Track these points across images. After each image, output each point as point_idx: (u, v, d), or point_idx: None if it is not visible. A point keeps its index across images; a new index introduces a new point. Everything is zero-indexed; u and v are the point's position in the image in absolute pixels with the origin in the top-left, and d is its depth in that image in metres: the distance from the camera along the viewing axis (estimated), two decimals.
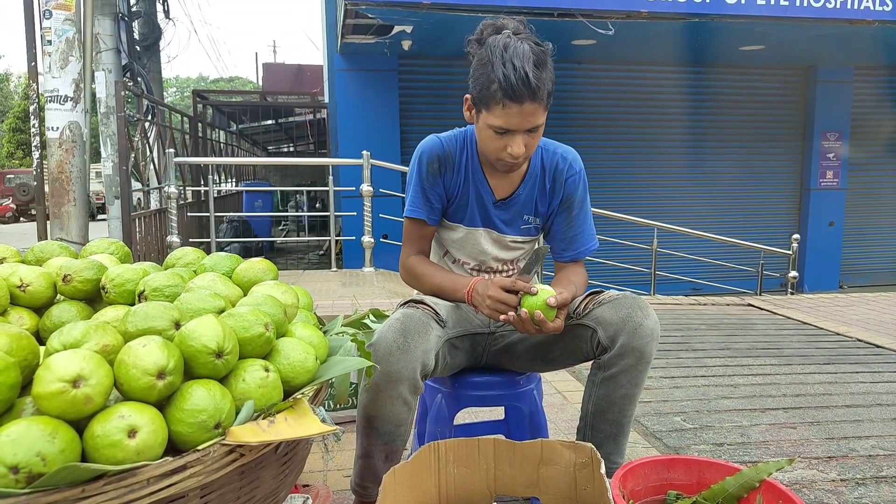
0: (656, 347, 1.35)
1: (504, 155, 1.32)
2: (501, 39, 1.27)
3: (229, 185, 13.30)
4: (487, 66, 1.26)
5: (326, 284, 5.09)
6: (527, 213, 1.50)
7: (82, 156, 3.90)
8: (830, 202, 8.81)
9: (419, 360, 1.25)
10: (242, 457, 0.76)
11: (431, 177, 1.45)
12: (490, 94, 1.26)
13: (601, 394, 1.38)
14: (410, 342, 1.25)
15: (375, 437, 1.28)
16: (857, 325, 4.06)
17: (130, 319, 0.88)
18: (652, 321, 1.33)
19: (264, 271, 1.19)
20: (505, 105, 1.25)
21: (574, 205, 1.49)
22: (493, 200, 1.48)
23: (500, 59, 1.23)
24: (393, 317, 1.31)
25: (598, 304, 1.38)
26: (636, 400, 1.41)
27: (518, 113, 1.25)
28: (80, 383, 0.72)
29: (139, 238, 5.28)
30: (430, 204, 1.46)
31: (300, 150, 17.17)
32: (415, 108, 7.62)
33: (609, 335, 1.33)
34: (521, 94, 1.23)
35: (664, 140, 8.27)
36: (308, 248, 11.26)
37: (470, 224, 1.50)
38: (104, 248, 1.27)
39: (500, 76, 1.23)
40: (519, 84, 1.22)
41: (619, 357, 1.32)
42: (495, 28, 1.33)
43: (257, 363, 0.88)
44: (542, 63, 1.25)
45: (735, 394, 2.64)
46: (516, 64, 1.22)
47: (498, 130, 1.29)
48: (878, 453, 2.04)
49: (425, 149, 1.47)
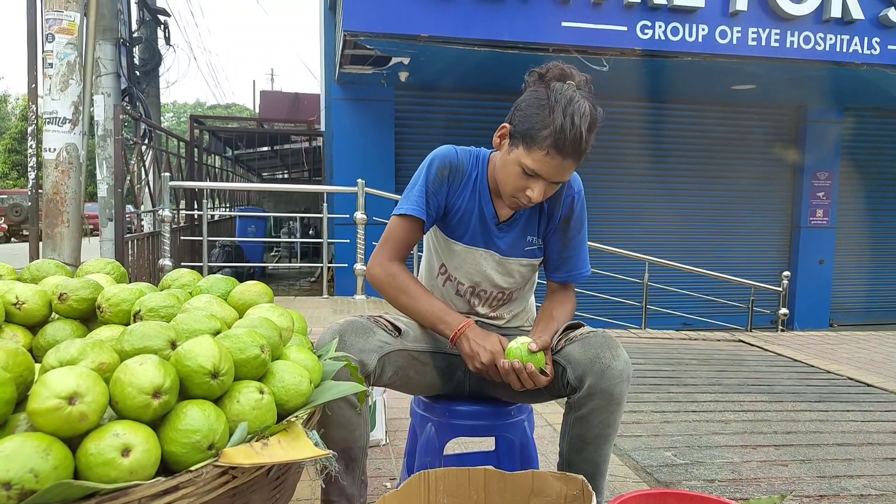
0: (627, 388, 1.32)
1: (521, 196, 1.33)
2: (568, 90, 1.27)
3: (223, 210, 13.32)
4: (546, 109, 1.26)
5: (318, 311, 5.07)
6: (530, 234, 1.50)
7: (78, 177, 3.91)
8: (820, 240, 8.90)
9: (356, 360, 1.26)
10: (235, 479, 0.76)
11: (438, 182, 1.45)
12: (539, 137, 1.26)
13: (575, 433, 1.37)
14: (347, 340, 1.28)
15: (331, 446, 1.26)
16: (848, 363, 4.08)
17: (127, 338, 0.88)
18: (621, 362, 1.30)
19: (260, 294, 1.19)
20: (549, 153, 1.26)
21: (571, 225, 1.49)
22: (496, 222, 1.48)
23: (561, 109, 1.24)
24: (336, 322, 1.34)
25: (569, 342, 1.37)
26: (611, 440, 1.38)
27: (558, 165, 1.27)
28: (76, 400, 0.72)
29: (131, 260, 5.26)
30: (428, 208, 1.45)
31: (295, 176, 17.26)
32: (410, 138, 7.70)
33: (577, 375, 1.32)
34: (569, 150, 1.25)
35: (657, 175, 8.36)
36: (300, 275, 11.24)
37: (470, 243, 1.50)
38: (100, 267, 1.27)
39: (558, 126, 1.23)
40: (571, 140, 1.24)
41: (587, 398, 1.31)
42: (562, 73, 1.33)
43: (252, 385, 0.88)
44: (593, 127, 1.28)
45: (726, 430, 2.63)
46: (576, 121, 1.23)
47: (528, 172, 1.30)
48: (869, 493, 2.03)
49: (439, 154, 1.47)
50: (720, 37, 5.77)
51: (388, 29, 5.36)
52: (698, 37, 5.73)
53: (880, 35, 6.05)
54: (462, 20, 5.41)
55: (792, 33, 5.89)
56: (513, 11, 5.48)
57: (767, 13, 5.83)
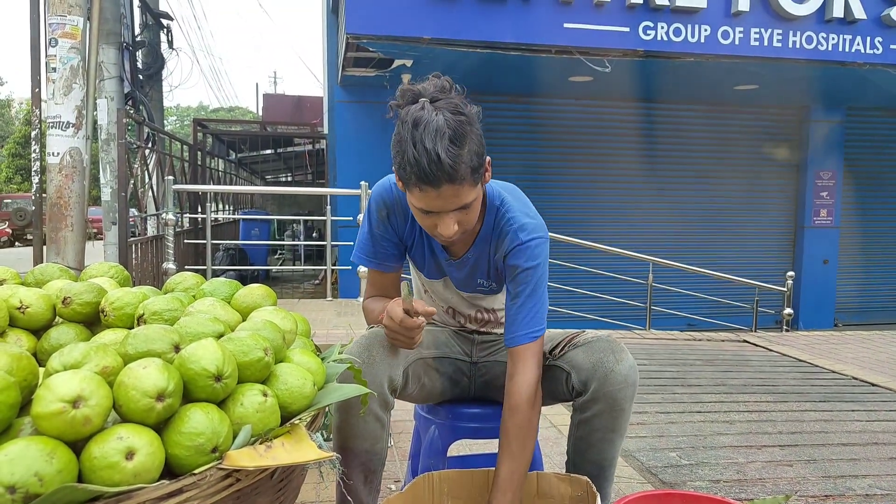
0: (633, 393, 1.30)
1: (436, 234, 1.21)
2: (415, 111, 1.11)
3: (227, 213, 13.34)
4: (401, 144, 1.12)
5: (322, 313, 5.08)
6: (480, 277, 1.41)
7: (82, 181, 3.92)
8: (824, 240, 8.87)
9: (385, 374, 1.24)
10: (239, 482, 0.76)
11: (382, 224, 1.38)
12: (406, 175, 1.12)
13: (579, 435, 1.36)
14: (375, 355, 1.24)
15: (352, 458, 1.25)
16: (853, 363, 4.06)
17: (130, 342, 0.88)
18: (625, 367, 1.28)
19: (263, 297, 1.19)
20: (422, 188, 1.11)
21: (518, 278, 1.29)
22: (445, 257, 1.41)
23: (409, 139, 1.09)
24: (361, 335, 1.31)
25: (573, 347, 1.35)
26: (616, 443, 1.37)
27: (437, 196, 1.12)
28: (80, 404, 0.72)
29: (135, 264, 5.27)
30: (381, 251, 1.40)
31: (298, 179, 17.28)
32: None
33: (581, 380, 1.30)
34: (435, 178, 1.09)
35: (660, 176, 8.36)
36: (304, 277, 11.25)
37: (429, 276, 1.47)
38: (104, 271, 1.28)
39: (412, 159, 1.09)
40: (431, 168, 1.08)
41: (591, 402, 1.29)
42: (413, 95, 1.17)
43: (256, 388, 0.88)
44: (459, 137, 1.10)
45: (731, 430, 2.63)
46: (427, 145, 1.07)
47: (421, 210, 1.18)
48: (874, 492, 2.02)
49: (376, 194, 1.38)
50: (722, 37, 5.76)
51: (391, 31, 5.37)
52: (700, 37, 5.72)
53: (882, 35, 6.03)
54: (464, 22, 5.41)
55: (794, 33, 5.88)
56: (514, 13, 5.48)
57: (769, 13, 5.83)
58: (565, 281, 5.96)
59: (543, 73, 6.41)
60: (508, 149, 7.79)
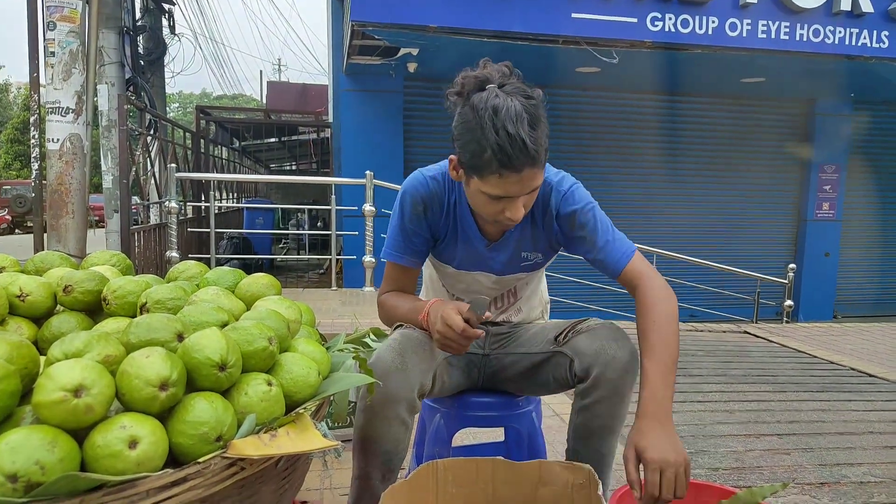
0: (634, 380, 1.29)
1: (502, 219, 1.21)
2: (489, 100, 1.11)
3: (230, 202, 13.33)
4: (476, 131, 1.12)
5: (326, 303, 5.08)
6: (525, 251, 1.40)
7: (82, 168, 3.90)
8: (826, 233, 8.85)
9: (417, 381, 1.24)
10: (243, 470, 0.76)
11: (416, 219, 1.35)
12: (483, 163, 1.12)
13: (580, 422, 1.36)
14: (408, 362, 1.22)
15: (372, 458, 1.26)
16: (851, 354, 4.07)
17: (133, 330, 0.88)
18: (626, 353, 1.28)
19: (267, 286, 1.19)
20: (502, 175, 1.12)
21: (580, 220, 1.33)
22: (484, 244, 1.38)
23: (491, 126, 1.09)
24: (391, 337, 1.29)
25: (576, 333, 1.35)
26: (616, 431, 1.37)
27: (517, 181, 1.13)
28: (82, 393, 0.72)
29: (138, 252, 5.27)
30: (412, 247, 1.38)
31: (303, 168, 17.25)
32: (419, 129, 7.67)
33: (584, 366, 1.30)
34: (519, 162, 1.10)
35: (665, 167, 8.33)
36: (308, 267, 11.25)
37: (460, 267, 1.44)
38: (106, 259, 1.27)
39: (494, 145, 1.09)
40: (517, 153, 1.09)
41: (593, 388, 1.29)
42: (478, 81, 1.17)
43: (260, 377, 0.88)
44: (536, 120, 1.12)
45: (731, 419, 2.64)
46: (510, 130, 1.08)
47: (493, 197, 1.17)
48: (869, 480, 2.04)
49: (410, 188, 1.36)
50: (730, 29, 5.72)
51: (397, 19, 5.33)
52: (708, 29, 5.68)
53: (889, 28, 5.99)
54: (471, 11, 5.37)
55: (801, 26, 5.83)
56: (523, 2, 5.43)
57: (777, 6, 5.78)
58: (571, 272, 5.96)
59: (551, 63, 6.36)
60: None
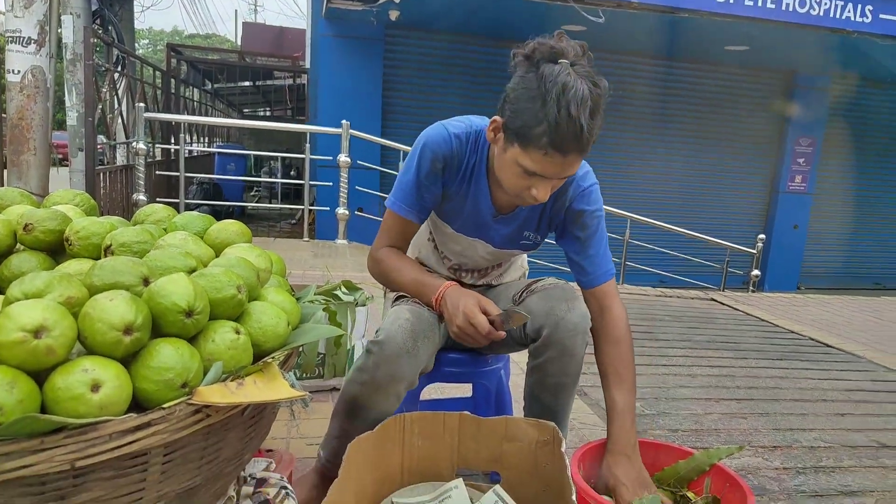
0: (584, 340, 1.31)
1: (527, 195, 1.19)
2: (561, 76, 1.07)
3: (201, 146, 13.01)
4: (537, 102, 1.08)
5: (298, 254, 5.04)
6: (528, 230, 1.39)
7: (45, 103, 3.74)
8: (797, 206, 9.02)
9: (423, 364, 1.24)
10: (209, 417, 0.75)
11: (433, 176, 1.30)
12: (533, 134, 1.09)
13: (533, 381, 1.39)
14: (419, 346, 1.22)
15: (360, 424, 1.26)
16: (811, 324, 4.19)
17: (97, 273, 0.85)
18: (576, 315, 1.29)
19: (238, 234, 1.16)
20: (548, 153, 1.09)
21: (585, 221, 1.34)
22: (492, 214, 1.36)
23: (554, 102, 1.06)
24: (401, 314, 1.24)
25: (530, 293, 1.36)
26: (569, 388, 1.39)
27: (560, 163, 1.11)
28: (43, 334, 0.70)
29: (103, 194, 5.14)
30: (422, 203, 1.33)
31: (277, 114, 16.88)
32: (399, 80, 7.52)
33: (535, 326, 1.31)
34: (569, 146, 1.08)
35: (642, 132, 8.33)
36: (280, 216, 11.12)
37: (461, 231, 1.41)
38: (69, 199, 1.23)
39: (553, 121, 1.06)
40: (570, 136, 1.07)
41: (544, 348, 1.31)
42: (552, 52, 1.11)
43: (228, 325, 0.87)
44: (597, 109, 1.10)
45: (692, 383, 2.71)
46: (573, 111, 1.05)
47: (529, 172, 1.14)
48: (819, 445, 2.13)
49: (432, 143, 1.29)
50: None
51: None
52: None
53: (873, 3, 6.00)
54: None
55: None
56: None
57: None
58: None
59: (536, 17, 6.24)
60: (493, 92, 7.66)
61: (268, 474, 0.99)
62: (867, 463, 2.00)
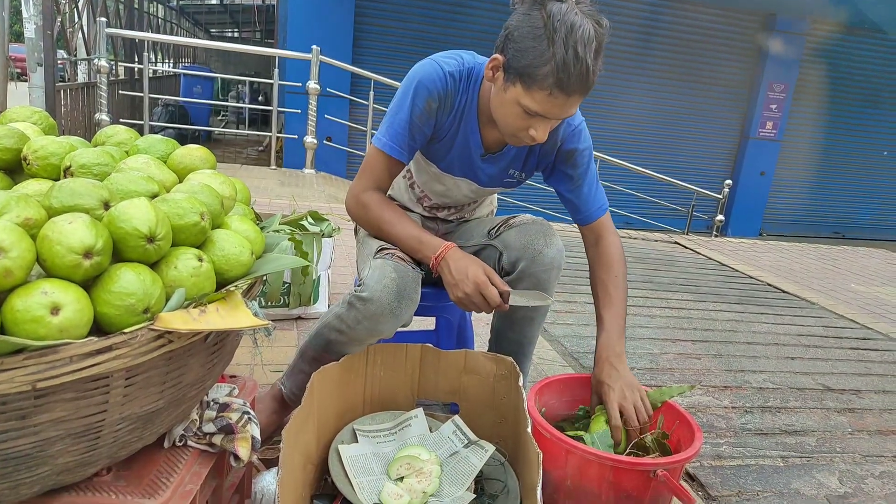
0: (558, 276, 1.35)
1: (524, 136, 1.19)
2: (568, 15, 1.06)
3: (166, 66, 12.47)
4: (543, 41, 1.06)
5: (264, 182, 4.96)
6: (513, 168, 1.39)
7: (0, 13, 3.53)
8: (765, 152, 9.13)
9: (404, 322, 1.24)
10: (171, 343, 0.76)
11: (426, 115, 1.27)
12: (539, 75, 1.08)
13: (503, 314, 1.42)
14: (403, 307, 1.21)
15: (327, 361, 1.27)
16: (770, 270, 4.34)
17: (55, 195, 0.83)
18: (553, 250, 1.32)
19: (202, 160, 1.13)
20: (552, 93, 1.09)
21: (577, 160, 1.36)
22: (480, 153, 1.35)
23: (562, 41, 1.04)
24: (387, 272, 1.21)
25: (508, 227, 1.39)
26: (536, 322, 1.44)
27: (563, 104, 1.11)
28: (0, 255, 0.69)
29: (64, 112, 4.93)
30: (412, 143, 1.29)
31: (245, 37, 16.19)
32: (371, 6, 7.25)
33: (511, 260, 1.34)
34: (574, 86, 1.08)
35: (616, 72, 8.24)
36: (247, 143, 10.85)
37: (447, 170, 1.39)
38: (26, 116, 1.18)
39: (560, 62, 1.05)
40: (576, 77, 1.06)
41: (518, 281, 1.33)
42: None
43: (190, 252, 0.86)
44: (600, 51, 1.09)
45: (651, 324, 2.81)
46: (580, 52, 1.04)
47: (530, 112, 1.13)
48: (767, 386, 2.24)
49: (426, 80, 1.25)
50: None
51: None
52: None
53: None
54: None
55: None
56: None
57: None
58: None
59: None
60: (469, 22, 7.45)
61: (231, 399, 1.01)
62: (811, 404, 2.12)
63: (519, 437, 1.21)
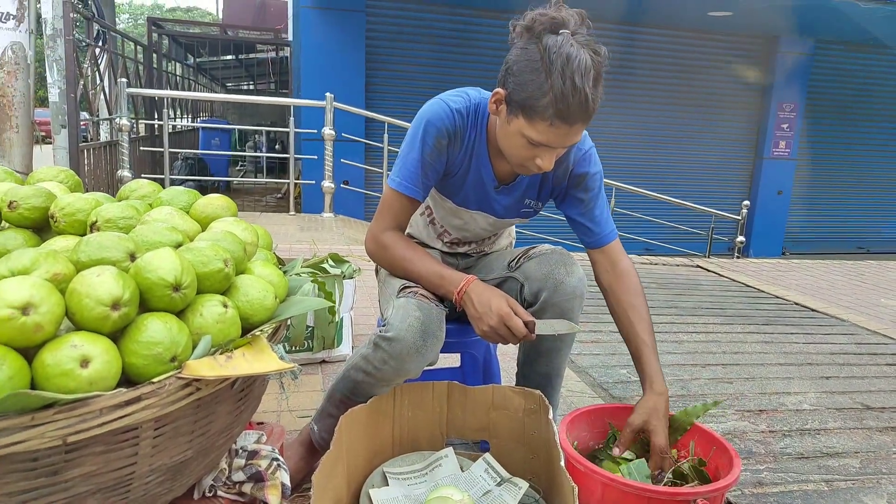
0: (581, 304, 1.34)
1: (531, 165, 1.20)
2: (563, 46, 1.08)
3: (185, 121, 12.82)
4: (541, 73, 1.09)
5: (284, 227, 5.02)
6: (529, 198, 1.40)
7: (26, 80, 3.67)
8: (780, 171, 9.07)
9: (430, 360, 1.24)
10: (199, 391, 0.76)
11: (436, 153, 1.29)
12: (539, 106, 1.10)
13: (528, 346, 1.41)
14: (428, 345, 1.20)
15: (354, 404, 1.25)
16: (796, 289, 4.25)
17: (83, 249, 0.85)
18: (575, 279, 1.32)
19: (223, 208, 1.16)
20: (553, 124, 1.11)
21: (588, 184, 1.37)
22: (494, 185, 1.36)
23: (559, 73, 1.07)
24: (411, 311, 1.21)
25: (527, 259, 1.39)
26: (563, 353, 1.42)
27: (565, 133, 1.13)
28: (30, 311, 0.70)
29: (88, 171, 5.07)
30: (426, 181, 1.31)
31: (261, 88, 16.59)
32: (382, 52, 7.42)
33: (533, 291, 1.34)
34: (575, 116, 1.10)
35: (627, 101, 8.30)
36: (266, 191, 11.02)
37: (462, 205, 1.41)
38: (53, 175, 1.22)
39: (559, 93, 1.08)
40: (575, 106, 1.09)
41: (541, 312, 1.32)
42: (553, 23, 1.12)
43: (215, 298, 0.87)
44: (599, 79, 1.12)
45: (679, 350, 2.75)
46: (577, 82, 1.07)
47: (533, 143, 1.15)
48: (804, 408, 2.17)
49: (434, 119, 1.28)
50: None
51: None
52: None
53: None
54: None
55: None
56: None
57: None
58: None
59: None
60: (477, 61, 7.58)
61: (259, 446, 1.00)
62: (851, 425, 2.05)
63: (552, 472, 1.19)
